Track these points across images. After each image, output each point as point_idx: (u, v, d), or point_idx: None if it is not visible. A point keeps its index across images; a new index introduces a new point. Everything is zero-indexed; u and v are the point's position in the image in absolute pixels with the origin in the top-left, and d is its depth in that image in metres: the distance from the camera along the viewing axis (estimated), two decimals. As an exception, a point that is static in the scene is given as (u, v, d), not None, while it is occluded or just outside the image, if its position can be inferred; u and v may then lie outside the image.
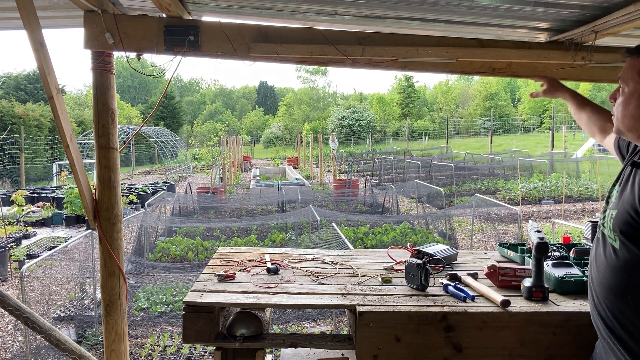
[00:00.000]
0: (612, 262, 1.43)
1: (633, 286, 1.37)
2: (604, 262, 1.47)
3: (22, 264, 6.81)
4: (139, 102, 56.03)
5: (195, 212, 11.38)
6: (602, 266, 1.48)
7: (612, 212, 1.46)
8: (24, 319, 2.75)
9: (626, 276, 1.39)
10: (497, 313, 1.84)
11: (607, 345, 1.48)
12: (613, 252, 1.43)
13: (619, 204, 1.44)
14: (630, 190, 1.42)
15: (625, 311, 1.39)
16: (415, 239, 7.86)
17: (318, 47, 2.41)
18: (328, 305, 1.98)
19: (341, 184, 14.20)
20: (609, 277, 1.44)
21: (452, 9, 2.25)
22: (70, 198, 9.93)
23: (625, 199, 1.41)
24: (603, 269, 1.48)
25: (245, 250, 2.73)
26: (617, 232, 1.40)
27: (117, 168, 2.69)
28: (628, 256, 1.38)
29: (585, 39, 2.43)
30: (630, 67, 1.47)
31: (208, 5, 2.45)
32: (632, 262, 1.37)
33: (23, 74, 33.07)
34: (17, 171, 18.39)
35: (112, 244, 2.67)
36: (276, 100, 72.78)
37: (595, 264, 1.54)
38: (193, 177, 22.01)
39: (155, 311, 5.21)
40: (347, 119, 44.18)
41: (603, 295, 1.46)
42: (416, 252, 2.43)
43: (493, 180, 15.62)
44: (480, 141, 34.14)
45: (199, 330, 1.90)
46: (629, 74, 1.47)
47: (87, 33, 2.39)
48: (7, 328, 5.06)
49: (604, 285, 1.46)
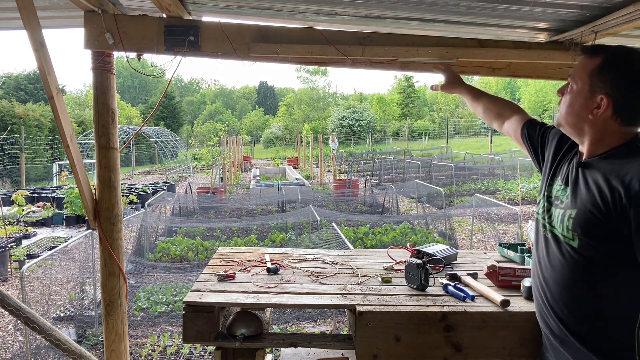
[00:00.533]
0: (571, 261, 1.47)
1: (593, 282, 1.42)
2: (562, 261, 1.50)
3: (22, 264, 6.81)
4: (139, 102, 56.01)
5: (195, 212, 11.38)
6: (559, 265, 1.51)
7: (569, 212, 1.49)
8: (24, 318, 2.75)
9: (587, 273, 1.43)
10: (497, 313, 1.85)
11: (559, 344, 1.51)
12: (572, 251, 1.46)
13: (577, 204, 1.47)
14: (585, 190, 1.45)
15: (584, 306, 1.43)
16: (415, 239, 7.86)
17: (318, 47, 2.42)
18: (328, 305, 1.98)
19: (341, 184, 14.19)
20: (568, 276, 1.48)
21: (452, 9, 2.25)
22: (70, 198, 9.93)
23: (583, 198, 1.45)
24: (560, 268, 1.51)
25: (245, 250, 2.73)
26: (578, 231, 1.44)
27: (117, 168, 2.69)
28: (590, 253, 1.42)
29: (585, 39, 2.43)
30: (582, 67, 1.51)
31: (208, 5, 2.45)
32: (593, 259, 1.41)
33: (23, 74, 33.07)
34: (18, 171, 18.40)
35: (112, 244, 2.67)
36: (276, 100, 72.78)
37: (548, 264, 1.56)
38: (193, 177, 22.01)
39: (155, 311, 5.21)
40: (347, 119, 44.16)
41: (559, 293, 1.50)
42: (416, 252, 2.43)
43: (493, 180, 15.62)
44: (480, 141, 34.12)
45: (199, 330, 1.90)
46: (580, 73, 1.51)
47: (87, 33, 2.39)
48: (7, 328, 5.06)
49: (561, 283, 1.49)
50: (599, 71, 1.45)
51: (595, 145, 1.49)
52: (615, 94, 1.42)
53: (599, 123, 1.46)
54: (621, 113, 1.43)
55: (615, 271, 1.38)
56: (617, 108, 1.43)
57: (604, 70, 1.45)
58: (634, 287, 1.34)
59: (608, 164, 1.43)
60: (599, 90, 1.44)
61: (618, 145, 1.45)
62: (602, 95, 1.43)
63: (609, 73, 1.44)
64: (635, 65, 1.42)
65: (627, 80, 1.42)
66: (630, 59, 1.44)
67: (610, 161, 1.43)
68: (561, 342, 1.50)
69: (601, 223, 1.37)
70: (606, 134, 1.46)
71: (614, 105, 1.42)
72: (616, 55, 1.46)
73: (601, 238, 1.39)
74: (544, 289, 1.57)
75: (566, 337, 1.47)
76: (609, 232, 1.37)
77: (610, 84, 1.42)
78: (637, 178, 1.31)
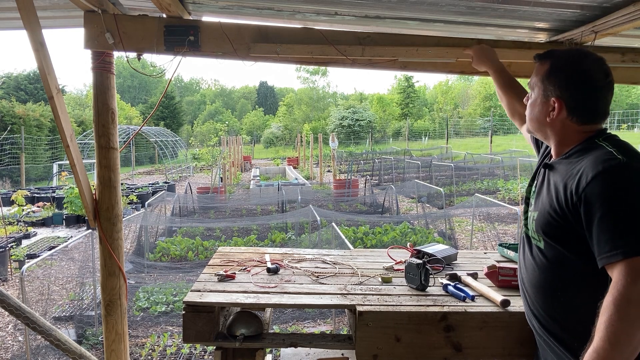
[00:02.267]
0: (539, 262, 1.50)
1: (560, 283, 1.43)
2: (532, 262, 1.53)
3: (22, 264, 6.80)
4: (139, 102, 55.99)
5: (195, 212, 11.38)
6: (531, 267, 1.53)
7: (533, 214, 1.52)
8: (24, 318, 2.75)
9: (554, 274, 1.45)
10: (497, 313, 1.85)
11: (543, 342, 1.53)
12: (540, 253, 1.50)
13: (539, 206, 1.50)
14: (546, 192, 1.48)
15: (556, 307, 1.45)
16: (415, 239, 7.86)
17: (318, 47, 2.42)
18: (328, 305, 1.98)
19: (341, 184, 14.19)
20: (538, 277, 1.50)
21: (452, 9, 2.25)
22: (70, 198, 9.93)
23: (544, 200, 1.48)
24: (532, 269, 1.53)
25: (245, 250, 2.73)
26: (541, 232, 1.47)
27: (117, 168, 2.69)
28: (554, 255, 1.44)
29: (585, 39, 2.43)
30: (536, 73, 1.56)
31: (208, 5, 2.45)
32: (558, 260, 1.43)
33: (23, 74, 33.07)
34: (18, 171, 18.39)
35: (112, 243, 2.67)
36: (276, 100, 72.75)
37: (524, 265, 1.59)
38: (193, 177, 22.01)
39: (155, 311, 5.21)
40: (347, 119, 44.15)
41: (534, 295, 1.52)
42: (416, 252, 2.43)
43: (493, 180, 15.62)
44: (480, 141, 34.11)
45: (199, 330, 1.90)
46: (534, 79, 1.56)
47: (87, 33, 2.39)
48: (7, 328, 5.06)
49: (534, 284, 1.52)
50: (548, 75, 1.49)
51: (560, 147, 1.52)
52: (565, 95, 1.45)
53: (557, 125, 1.50)
54: (575, 113, 1.46)
55: (580, 271, 1.39)
56: (571, 108, 1.46)
57: (552, 73, 1.49)
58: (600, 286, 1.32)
59: (566, 164, 1.45)
60: (551, 93, 1.48)
61: (578, 143, 1.47)
62: (554, 98, 1.47)
63: (557, 76, 1.47)
64: (580, 65, 1.45)
65: (573, 81, 1.45)
66: (575, 60, 1.47)
67: (568, 161, 1.46)
68: (543, 340, 1.53)
69: (559, 224, 1.39)
70: (567, 135, 1.49)
71: (566, 106, 1.46)
72: (562, 58, 1.49)
73: (561, 239, 1.41)
74: (524, 290, 1.60)
75: (545, 336, 1.50)
76: (566, 233, 1.38)
77: (559, 86, 1.46)
78: (585, 175, 1.32)
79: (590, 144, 1.44)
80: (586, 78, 1.45)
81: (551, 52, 1.54)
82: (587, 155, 1.39)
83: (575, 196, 1.33)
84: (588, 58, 1.47)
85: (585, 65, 1.45)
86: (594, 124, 1.48)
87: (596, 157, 1.35)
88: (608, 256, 1.25)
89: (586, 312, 1.35)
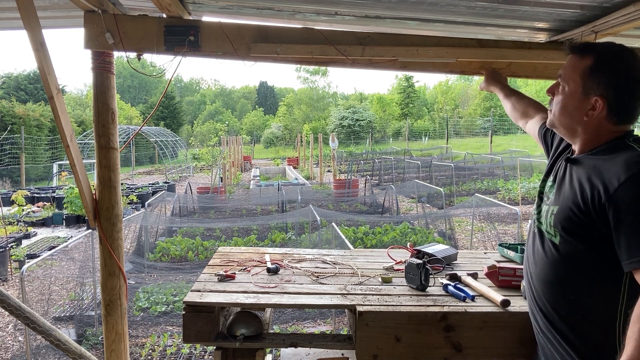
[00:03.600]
0: (552, 258, 1.46)
1: (573, 280, 1.41)
2: (543, 257, 1.49)
3: (22, 264, 6.80)
4: (139, 102, 55.98)
5: (196, 212, 11.38)
6: (542, 261, 1.50)
7: (552, 209, 1.47)
8: (24, 318, 2.75)
9: (567, 270, 1.42)
10: (497, 313, 1.85)
11: (546, 339, 1.50)
12: (553, 248, 1.46)
13: (560, 200, 1.45)
14: (569, 186, 1.43)
15: (564, 304, 1.42)
16: (415, 239, 7.85)
17: (318, 47, 2.41)
18: (328, 305, 1.98)
19: (341, 184, 14.19)
20: (549, 272, 1.47)
21: (452, 9, 2.25)
22: (70, 198, 9.93)
23: (566, 195, 1.43)
24: (542, 264, 1.50)
25: (245, 250, 2.73)
26: (559, 228, 1.42)
27: (117, 168, 2.69)
28: (569, 251, 1.41)
29: (585, 39, 2.42)
30: (572, 67, 1.47)
31: (208, 5, 2.45)
32: (573, 256, 1.40)
33: (23, 74, 33.07)
34: (18, 171, 18.39)
35: (112, 244, 2.67)
36: (276, 100, 72.76)
37: (533, 259, 1.56)
38: (193, 177, 22.01)
39: (155, 311, 5.21)
40: (347, 119, 44.14)
41: (542, 290, 1.49)
42: (416, 252, 2.43)
43: (493, 180, 15.62)
44: (480, 141, 34.09)
45: (199, 330, 1.90)
46: (570, 73, 1.47)
47: (87, 33, 2.39)
48: (7, 328, 5.06)
49: (543, 280, 1.49)
50: (591, 72, 1.42)
51: (586, 144, 1.48)
52: (610, 95, 1.39)
53: (592, 124, 1.44)
54: (616, 113, 1.40)
55: (595, 270, 1.37)
56: (612, 109, 1.40)
57: (596, 71, 1.41)
58: (614, 286, 1.31)
59: (593, 161, 1.41)
60: (593, 92, 1.41)
61: (606, 142, 1.43)
62: (597, 97, 1.40)
63: (603, 74, 1.40)
64: (627, 64, 1.40)
65: (621, 81, 1.39)
66: (622, 57, 1.41)
67: (596, 157, 1.42)
68: (547, 339, 1.50)
69: (580, 221, 1.36)
70: (599, 134, 1.44)
71: (608, 106, 1.40)
72: (608, 55, 1.42)
73: (580, 236, 1.38)
74: (530, 285, 1.57)
75: (551, 334, 1.47)
76: (588, 230, 1.35)
77: (605, 85, 1.39)
78: (616, 176, 1.29)
79: (619, 144, 1.39)
80: (632, 77, 1.39)
81: (593, 46, 1.46)
82: (617, 155, 1.35)
83: (604, 196, 1.29)
84: (631, 55, 1.41)
85: (630, 63, 1.40)
86: (627, 124, 1.44)
87: (629, 159, 1.31)
88: (637, 260, 1.22)
89: (594, 311, 1.34)
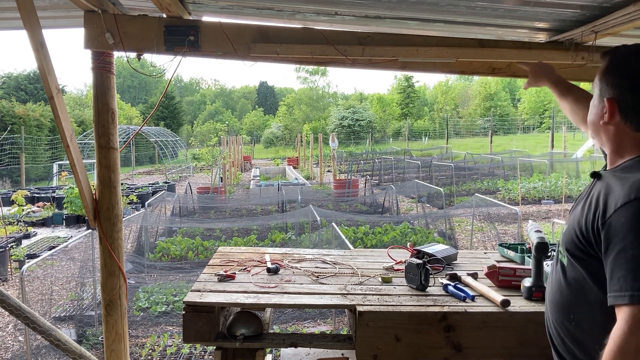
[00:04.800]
0: (558, 279, 1.40)
1: (575, 304, 1.33)
2: (553, 278, 1.44)
3: (22, 264, 6.80)
4: (139, 102, 55.96)
5: (195, 212, 11.38)
6: (556, 283, 1.42)
7: (564, 227, 1.41)
8: (24, 318, 2.75)
9: (570, 294, 1.34)
10: (497, 313, 1.85)
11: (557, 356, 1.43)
12: (561, 270, 1.39)
13: (570, 219, 1.39)
14: (581, 206, 1.35)
15: (569, 328, 1.35)
16: (415, 239, 7.85)
17: (318, 47, 2.42)
18: (328, 305, 1.98)
19: (341, 184, 14.19)
20: (555, 294, 1.41)
21: (452, 9, 2.25)
22: (70, 198, 9.93)
23: (577, 214, 1.35)
24: (551, 285, 1.45)
25: (245, 250, 2.73)
26: (564, 249, 1.36)
27: (117, 168, 2.69)
28: (574, 276, 1.33)
29: (585, 39, 2.43)
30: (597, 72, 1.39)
31: (208, 5, 2.45)
32: (577, 281, 1.32)
33: (23, 74, 33.07)
34: (18, 171, 18.39)
35: (112, 243, 2.67)
36: (276, 100, 72.74)
37: (550, 278, 1.49)
38: (193, 177, 22.00)
39: (155, 311, 5.21)
40: (347, 119, 44.15)
41: (551, 311, 1.43)
42: (416, 252, 2.43)
43: (493, 180, 15.62)
44: (480, 141, 34.11)
45: (199, 330, 1.90)
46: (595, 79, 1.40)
47: (87, 33, 2.39)
48: (7, 328, 5.06)
49: (552, 301, 1.43)
50: (605, 74, 1.35)
51: (614, 156, 1.36)
52: (619, 97, 1.30)
53: (611, 130, 1.33)
54: (630, 117, 1.29)
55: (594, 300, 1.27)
56: (624, 112, 1.29)
57: (608, 72, 1.34)
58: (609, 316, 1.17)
59: (610, 179, 1.29)
60: (605, 93, 1.33)
61: (631, 157, 1.30)
62: (607, 98, 1.31)
63: (613, 74, 1.32)
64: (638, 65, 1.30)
65: (630, 81, 1.28)
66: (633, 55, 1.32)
67: (615, 175, 1.30)
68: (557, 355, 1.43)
69: (580, 243, 1.28)
70: (622, 143, 1.32)
71: (620, 108, 1.29)
72: (622, 55, 1.34)
73: (582, 261, 1.29)
74: (545, 304, 1.51)
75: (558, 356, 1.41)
76: (586, 254, 1.27)
77: (614, 85, 1.31)
78: (615, 200, 1.19)
79: None
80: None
81: (615, 48, 1.37)
82: (632, 175, 1.23)
83: (600, 220, 1.20)
84: None
85: None
86: None
87: (636, 182, 1.19)
88: (615, 296, 1.13)
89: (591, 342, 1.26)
